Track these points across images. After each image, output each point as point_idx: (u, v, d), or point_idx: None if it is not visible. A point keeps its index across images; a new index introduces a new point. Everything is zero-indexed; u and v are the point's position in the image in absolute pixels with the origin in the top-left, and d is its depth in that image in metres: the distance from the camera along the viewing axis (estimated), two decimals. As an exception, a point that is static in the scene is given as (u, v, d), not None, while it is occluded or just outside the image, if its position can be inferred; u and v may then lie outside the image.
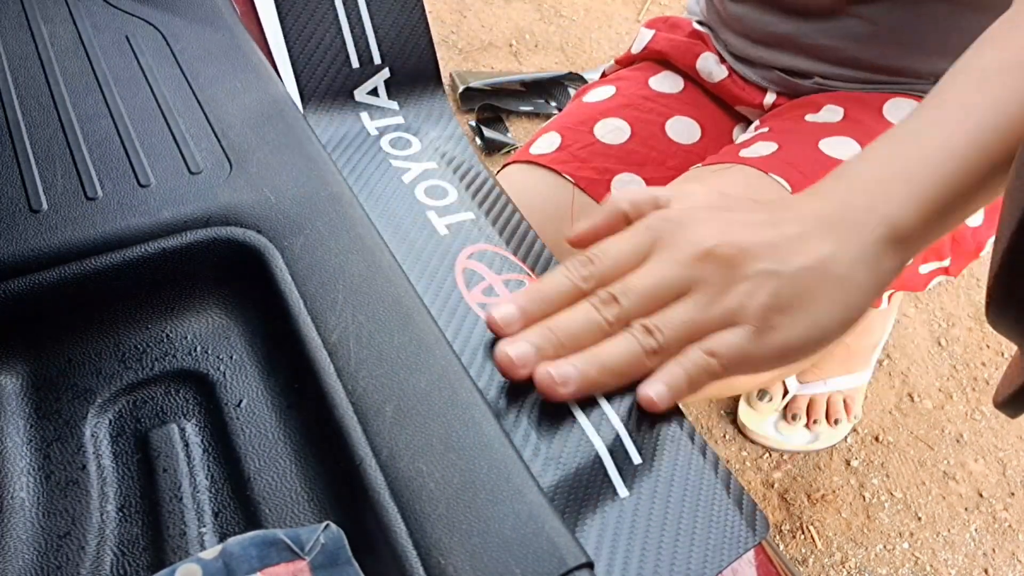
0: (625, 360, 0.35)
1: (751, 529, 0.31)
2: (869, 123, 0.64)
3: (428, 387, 0.30)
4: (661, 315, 0.36)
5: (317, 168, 0.38)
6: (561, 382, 0.34)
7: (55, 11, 0.45)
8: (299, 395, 0.31)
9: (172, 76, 0.42)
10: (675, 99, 0.75)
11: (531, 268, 0.40)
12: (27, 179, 0.35)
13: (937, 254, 0.66)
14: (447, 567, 0.25)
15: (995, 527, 1.02)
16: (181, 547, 0.27)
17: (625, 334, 0.36)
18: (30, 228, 0.33)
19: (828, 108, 0.67)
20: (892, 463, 1.08)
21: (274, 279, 0.33)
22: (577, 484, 0.31)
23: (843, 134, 0.64)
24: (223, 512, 0.29)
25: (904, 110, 0.66)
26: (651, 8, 1.85)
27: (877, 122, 0.65)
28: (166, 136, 0.38)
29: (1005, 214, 0.23)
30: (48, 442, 0.30)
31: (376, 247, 0.35)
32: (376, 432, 0.28)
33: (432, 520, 0.26)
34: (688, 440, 0.33)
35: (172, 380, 0.32)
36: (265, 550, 0.24)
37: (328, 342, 0.31)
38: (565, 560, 0.25)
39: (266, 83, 0.42)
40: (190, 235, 0.34)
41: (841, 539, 0.99)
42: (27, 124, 0.38)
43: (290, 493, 0.29)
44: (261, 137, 0.39)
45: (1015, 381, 0.26)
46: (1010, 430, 1.12)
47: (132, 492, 0.29)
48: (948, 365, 1.20)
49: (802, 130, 0.64)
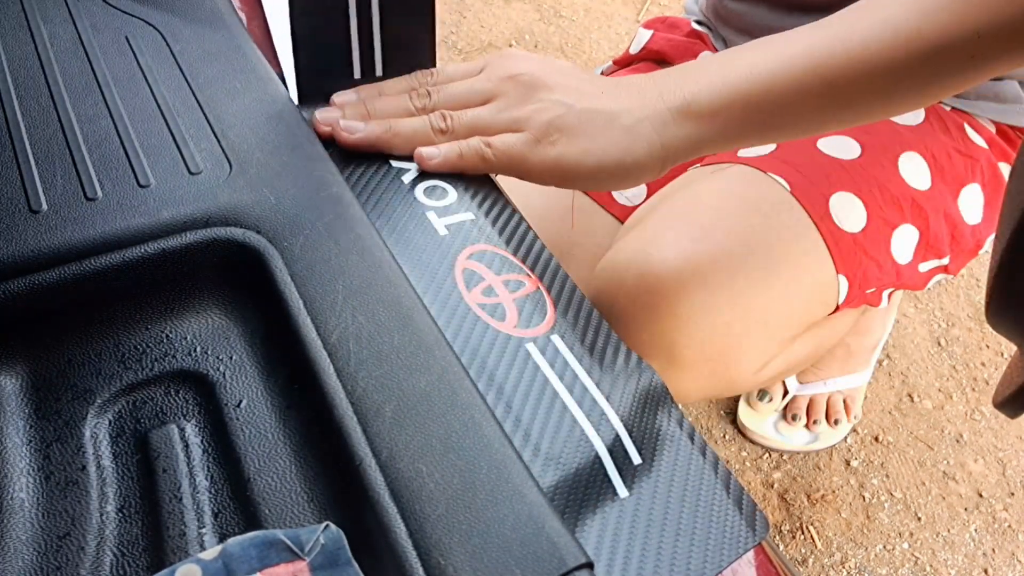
0: (413, 129, 0.44)
1: (751, 529, 0.31)
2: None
3: (428, 387, 0.30)
4: (459, 112, 0.44)
5: (317, 168, 0.38)
6: (348, 130, 0.43)
7: (55, 11, 0.45)
8: (299, 396, 0.31)
9: (172, 76, 0.42)
10: None
11: (531, 268, 0.40)
12: (27, 179, 0.35)
13: (936, 251, 0.66)
14: (447, 568, 0.25)
15: (995, 527, 1.02)
16: (181, 548, 0.27)
17: (423, 116, 0.44)
18: (30, 228, 0.33)
19: None
20: (892, 463, 1.08)
21: (274, 280, 0.33)
22: (577, 484, 0.31)
23: (842, 132, 0.64)
24: (223, 513, 0.29)
25: None
26: (651, 8, 1.85)
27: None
28: (166, 136, 0.38)
29: (1005, 213, 0.23)
30: (48, 442, 0.30)
31: (376, 247, 0.35)
32: (376, 433, 0.28)
33: (432, 521, 0.26)
34: (688, 440, 0.33)
35: (172, 380, 0.32)
36: (265, 551, 0.24)
37: (328, 342, 0.31)
38: (565, 560, 0.25)
39: (266, 83, 0.42)
40: (190, 235, 0.34)
41: (841, 539, 0.99)
42: (27, 124, 0.38)
43: (290, 493, 0.29)
44: (261, 137, 0.39)
45: (1015, 381, 0.26)
46: (1010, 430, 1.12)
47: (132, 493, 0.29)
48: (948, 365, 1.20)
49: None
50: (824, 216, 0.59)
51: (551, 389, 0.34)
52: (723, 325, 0.56)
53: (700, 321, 0.56)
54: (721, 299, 0.56)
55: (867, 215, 0.61)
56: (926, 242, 0.65)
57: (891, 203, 0.62)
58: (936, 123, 0.66)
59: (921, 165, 0.64)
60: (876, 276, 0.63)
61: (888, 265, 0.63)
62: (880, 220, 0.62)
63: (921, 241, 0.64)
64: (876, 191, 0.62)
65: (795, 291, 0.59)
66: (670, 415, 0.34)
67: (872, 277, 0.62)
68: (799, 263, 0.58)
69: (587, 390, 0.35)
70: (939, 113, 0.67)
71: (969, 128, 0.68)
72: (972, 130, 0.68)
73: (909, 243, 0.63)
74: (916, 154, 0.64)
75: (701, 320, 0.56)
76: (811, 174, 0.60)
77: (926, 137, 0.65)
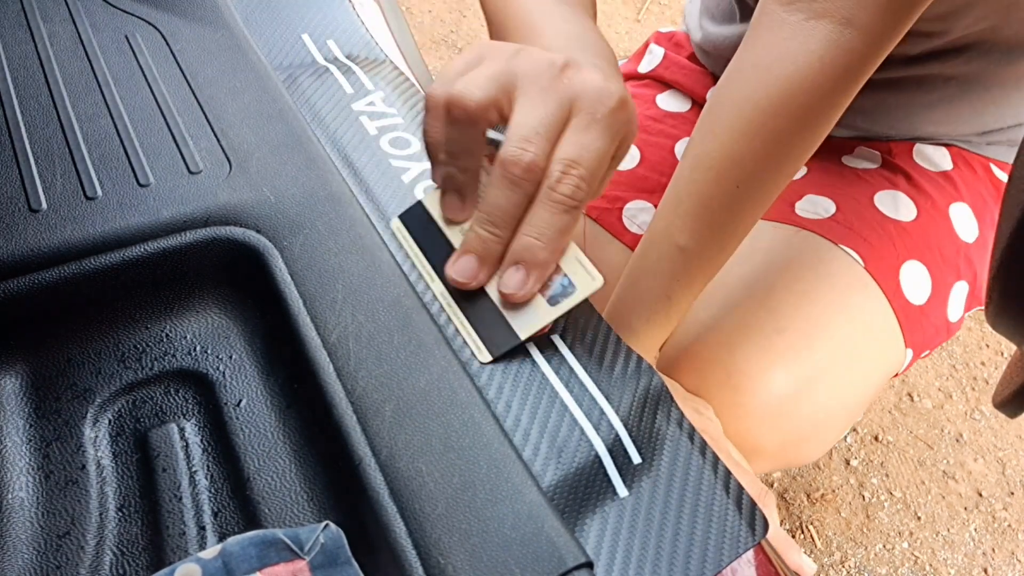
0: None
1: (750, 529, 0.31)
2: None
3: (427, 387, 0.30)
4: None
5: (317, 168, 0.38)
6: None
7: (54, 10, 0.45)
8: (298, 395, 0.31)
9: (172, 76, 0.42)
10: (683, 119, 0.75)
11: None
12: (27, 179, 0.35)
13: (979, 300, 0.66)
14: (446, 567, 0.25)
15: (994, 526, 1.02)
16: (180, 547, 0.27)
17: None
18: (30, 228, 0.33)
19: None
20: (891, 462, 1.08)
21: (273, 279, 0.33)
22: (577, 484, 0.31)
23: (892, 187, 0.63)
24: (222, 512, 0.29)
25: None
26: (651, 7, 1.85)
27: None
28: (165, 136, 0.38)
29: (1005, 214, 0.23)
30: (48, 441, 0.30)
31: (375, 247, 0.35)
32: (375, 432, 0.28)
33: (431, 520, 0.26)
34: (688, 440, 0.33)
35: (171, 380, 0.32)
36: (264, 550, 0.24)
37: (327, 342, 0.31)
38: (564, 560, 0.25)
39: (265, 83, 0.42)
40: (189, 235, 0.34)
41: (840, 538, 0.99)
42: (27, 124, 0.38)
43: (289, 493, 0.29)
44: (261, 137, 0.39)
45: (1014, 381, 0.26)
46: (1009, 430, 1.12)
47: (131, 492, 0.29)
48: (948, 365, 1.20)
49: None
50: (896, 292, 0.59)
51: (551, 389, 0.34)
52: (806, 412, 0.56)
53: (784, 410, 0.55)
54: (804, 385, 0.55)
55: (931, 283, 0.61)
56: (973, 294, 0.65)
57: (948, 264, 0.62)
58: (964, 167, 0.66)
59: (968, 215, 0.64)
60: (933, 339, 0.63)
61: (943, 326, 0.63)
62: (941, 284, 0.61)
63: (970, 294, 0.64)
64: (937, 254, 0.61)
65: (870, 371, 0.59)
66: (670, 415, 0.34)
67: (930, 342, 0.63)
68: (876, 344, 0.58)
69: (587, 390, 0.35)
70: (964, 157, 0.67)
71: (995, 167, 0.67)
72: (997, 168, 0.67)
73: (960, 299, 0.63)
74: (964, 204, 0.64)
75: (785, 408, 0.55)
76: (879, 244, 0.59)
77: (961, 182, 0.65)
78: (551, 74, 0.35)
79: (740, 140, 0.45)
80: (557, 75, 0.35)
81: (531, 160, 0.34)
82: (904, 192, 0.63)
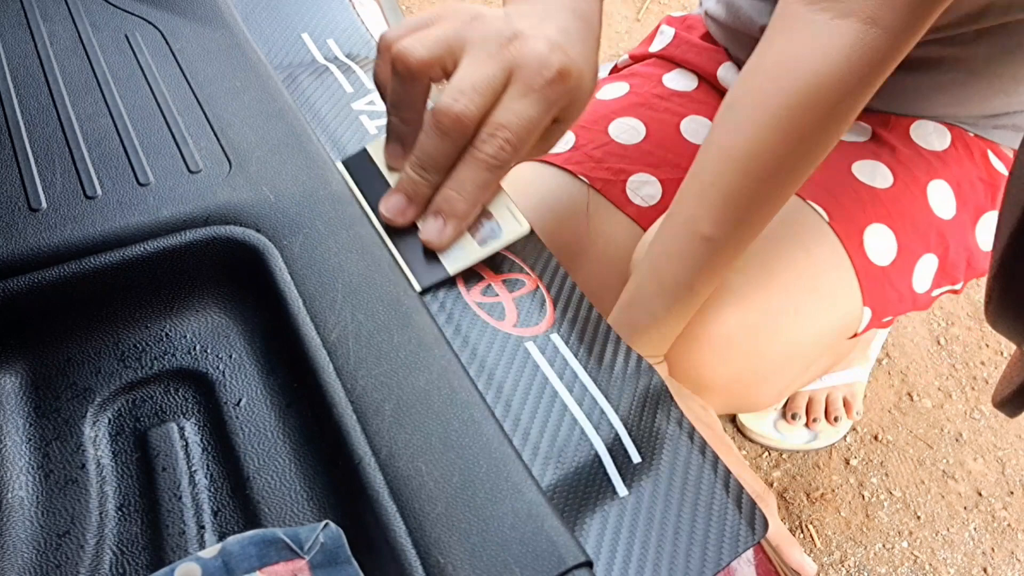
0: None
1: (750, 528, 0.31)
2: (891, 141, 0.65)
3: (427, 386, 0.30)
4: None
5: (317, 167, 0.38)
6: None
7: (54, 10, 0.45)
8: (298, 394, 0.31)
9: (171, 75, 0.42)
10: (689, 98, 0.75)
11: (530, 267, 0.40)
12: (27, 178, 0.35)
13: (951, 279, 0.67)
14: (446, 566, 0.25)
15: (994, 526, 1.02)
16: (180, 546, 0.28)
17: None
18: (29, 227, 0.33)
19: None
20: (891, 462, 1.08)
21: (273, 278, 0.33)
22: (577, 483, 0.31)
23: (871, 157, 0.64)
24: (222, 511, 0.29)
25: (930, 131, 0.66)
26: (651, 7, 1.85)
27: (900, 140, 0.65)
28: (165, 135, 0.38)
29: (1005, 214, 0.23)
30: (47, 441, 0.30)
31: (375, 246, 0.35)
32: (375, 431, 0.28)
33: (431, 519, 0.26)
34: (687, 440, 0.34)
35: (171, 379, 0.32)
36: (264, 549, 0.24)
37: (327, 341, 0.31)
38: (564, 559, 0.25)
39: (265, 82, 0.42)
40: (189, 234, 0.33)
41: (840, 538, 0.99)
42: (26, 123, 0.37)
43: (289, 492, 0.29)
44: (261, 136, 0.39)
45: (1014, 380, 0.26)
46: (1009, 429, 1.12)
47: (131, 491, 0.29)
48: (947, 364, 1.20)
49: None
50: (858, 249, 0.60)
51: (551, 388, 0.34)
52: (755, 350, 0.57)
53: (735, 345, 0.56)
54: (756, 324, 0.56)
55: (897, 247, 0.62)
56: (943, 270, 0.65)
57: (919, 234, 0.63)
58: (962, 149, 0.67)
59: (948, 194, 0.65)
60: (895, 305, 0.64)
61: (907, 294, 0.64)
62: (907, 251, 0.62)
63: (939, 269, 0.65)
64: (907, 223, 0.63)
65: (824, 322, 0.60)
66: (669, 414, 0.34)
67: (892, 307, 0.63)
68: (831, 296, 0.60)
69: (587, 389, 0.35)
70: (964, 139, 0.68)
71: (992, 155, 0.68)
72: (995, 157, 0.68)
73: (928, 272, 0.64)
74: (944, 182, 0.65)
75: (736, 343, 0.56)
76: (848, 205, 0.61)
77: (952, 164, 0.66)
78: (499, 42, 0.38)
79: (767, 135, 0.47)
80: (504, 43, 0.38)
81: (460, 111, 0.37)
82: (885, 164, 0.64)
